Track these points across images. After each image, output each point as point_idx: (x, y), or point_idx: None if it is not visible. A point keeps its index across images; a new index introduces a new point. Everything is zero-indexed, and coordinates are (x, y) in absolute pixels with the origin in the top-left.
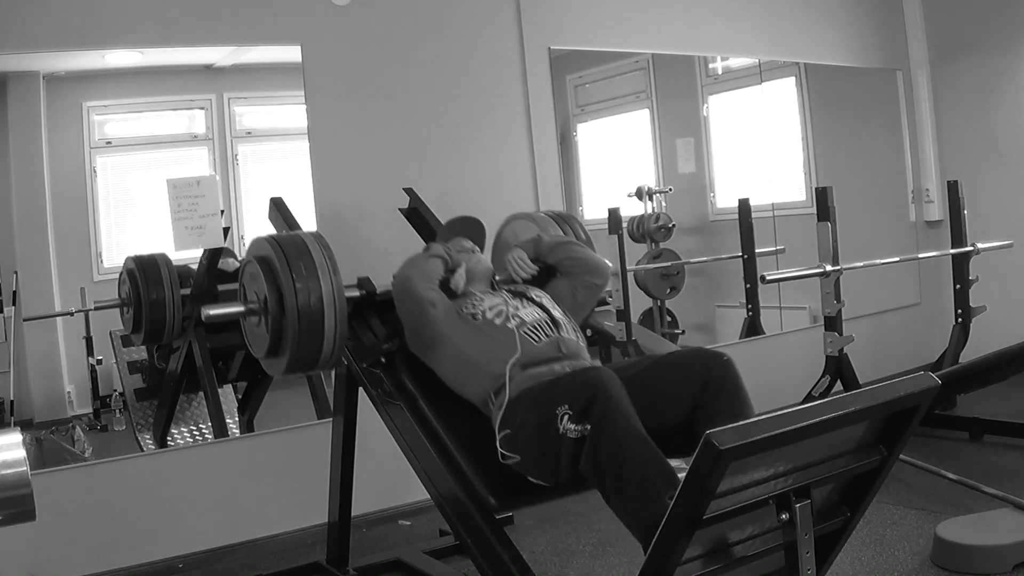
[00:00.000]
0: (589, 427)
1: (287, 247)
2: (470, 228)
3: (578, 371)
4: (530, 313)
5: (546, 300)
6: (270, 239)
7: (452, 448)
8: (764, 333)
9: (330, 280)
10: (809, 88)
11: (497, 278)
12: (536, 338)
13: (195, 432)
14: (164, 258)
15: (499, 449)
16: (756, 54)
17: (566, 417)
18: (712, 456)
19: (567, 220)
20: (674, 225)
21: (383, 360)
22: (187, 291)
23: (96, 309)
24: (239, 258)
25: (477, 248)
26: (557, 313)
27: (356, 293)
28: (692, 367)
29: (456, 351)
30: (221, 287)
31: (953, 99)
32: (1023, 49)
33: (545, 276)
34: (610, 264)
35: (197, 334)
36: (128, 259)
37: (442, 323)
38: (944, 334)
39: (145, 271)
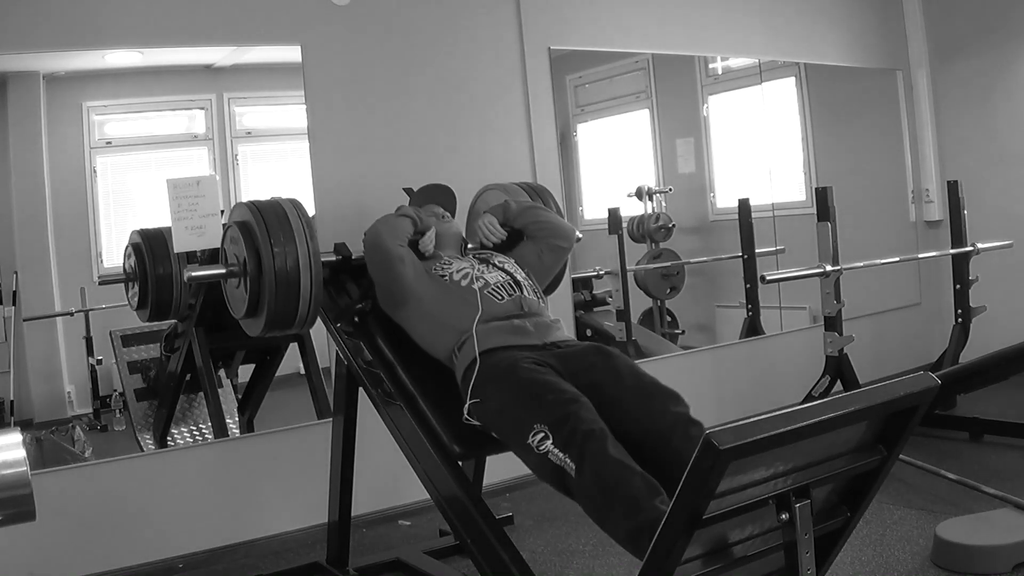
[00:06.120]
0: (573, 464)
1: (266, 213)
2: (442, 195)
3: (551, 388)
4: (494, 276)
5: (509, 265)
6: (250, 205)
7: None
8: (764, 333)
9: (306, 244)
10: (809, 88)
11: (469, 246)
12: (498, 297)
13: (195, 432)
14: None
15: (465, 414)
16: (756, 54)
17: (547, 441)
18: (712, 456)
19: (539, 192)
20: (674, 225)
21: (356, 320)
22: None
23: (101, 284)
24: None
25: (448, 214)
26: (520, 276)
27: (333, 258)
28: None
29: (424, 309)
30: None
31: (953, 99)
32: (1023, 49)
33: (513, 241)
34: (577, 231)
35: (197, 333)
36: (134, 233)
37: (411, 280)
38: (944, 334)
39: (152, 245)
